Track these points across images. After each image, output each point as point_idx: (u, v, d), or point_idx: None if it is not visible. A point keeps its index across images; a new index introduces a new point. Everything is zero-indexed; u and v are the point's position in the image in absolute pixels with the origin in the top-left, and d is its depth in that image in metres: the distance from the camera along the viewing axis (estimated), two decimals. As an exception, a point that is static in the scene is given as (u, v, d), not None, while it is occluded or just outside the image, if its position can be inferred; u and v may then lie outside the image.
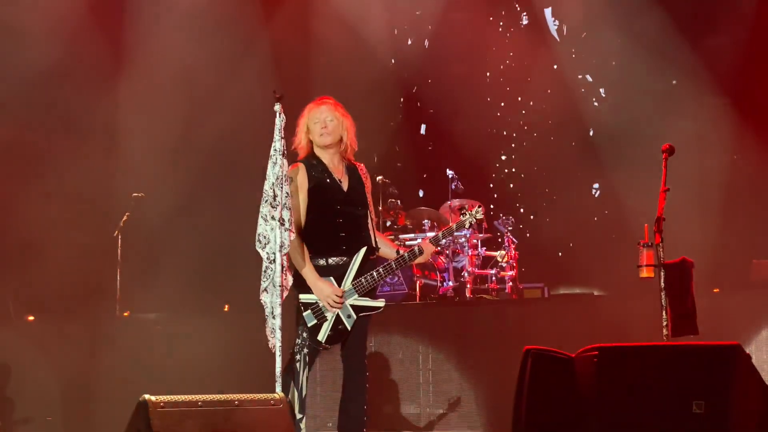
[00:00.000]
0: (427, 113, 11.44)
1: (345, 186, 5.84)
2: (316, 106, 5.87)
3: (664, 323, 6.18)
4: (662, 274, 6.18)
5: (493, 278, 9.73)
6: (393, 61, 12.00)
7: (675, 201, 9.13)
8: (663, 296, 6.18)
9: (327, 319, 5.70)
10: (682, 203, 9.90)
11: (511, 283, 9.68)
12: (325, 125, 5.80)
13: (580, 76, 11.64)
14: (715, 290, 8.85)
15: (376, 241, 5.87)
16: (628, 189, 10.48)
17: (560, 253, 10.73)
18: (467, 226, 6.02)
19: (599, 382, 4.78)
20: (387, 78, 11.93)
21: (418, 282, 9.41)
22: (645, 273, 6.28)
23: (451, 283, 9.61)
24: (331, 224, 5.76)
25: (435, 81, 11.74)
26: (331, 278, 5.72)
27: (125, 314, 9.68)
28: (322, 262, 5.74)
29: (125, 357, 8.88)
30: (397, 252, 5.90)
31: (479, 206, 6.09)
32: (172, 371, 8.69)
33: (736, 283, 8.85)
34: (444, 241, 9.36)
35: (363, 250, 5.75)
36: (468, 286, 9.57)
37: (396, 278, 9.34)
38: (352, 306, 5.72)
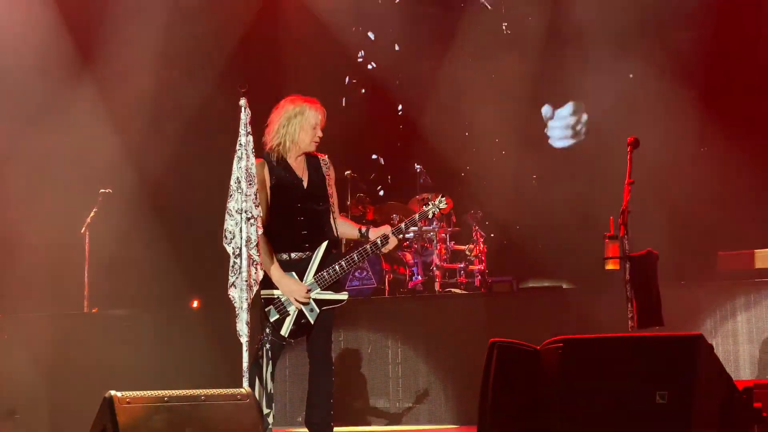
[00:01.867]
0: (396, 107, 11.44)
1: (305, 182, 5.84)
2: (313, 108, 5.82)
3: (630, 315, 6.23)
4: (627, 266, 6.23)
5: (462, 272, 9.76)
6: (362, 54, 12.00)
7: (642, 193, 9.27)
8: (628, 288, 6.23)
9: (290, 314, 5.72)
10: (650, 195, 10.03)
11: (479, 277, 9.71)
12: (321, 133, 5.81)
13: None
14: (681, 282, 8.93)
15: (338, 232, 5.88)
16: (598, 181, 10.58)
17: (534, 246, 10.76)
18: (430, 215, 6.03)
19: (563, 373, 4.81)
20: (355, 72, 11.94)
21: (387, 276, 9.42)
22: (610, 265, 6.33)
23: (419, 278, 9.63)
24: (292, 221, 5.77)
25: (404, 75, 11.74)
26: (293, 273, 5.73)
27: (93, 311, 9.64)
28: (285, 257, 5.76)
29: (93, 353, 8.84)
30: (359, 230, 5.91)
31: (442, 196, 6.10)
32: (140, 367, 8.67)
33: (702, 274, 8.92)
34: (411, 232, 9.42)
35: (324, 245, 5.76)
36: (437, 280, 9.60)
37: (365, 273, 9.35)
38: (315, 300, 5.74)
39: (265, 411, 5.48)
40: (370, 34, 11.82)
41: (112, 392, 4.58)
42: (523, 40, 11.59)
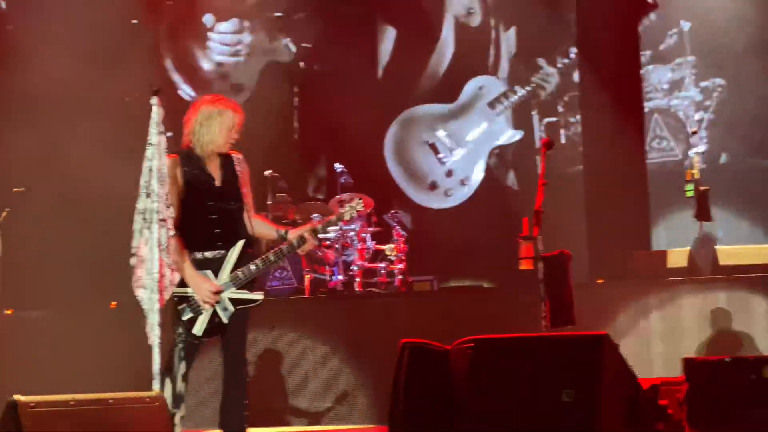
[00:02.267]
0: (315, 106, 11.40)
1: (218, 181, 5.83)
2: (232, 110, 5.81)
3: (543, 314, 6.32)
4: (541, 266, 6.32)
5: (383, 272, 9.79)
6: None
7: (560, 193, 9.40)
8: (542, 288, 6.32)
9: (203, 313, 5.69)
10: (568, 196, 10.17)
11: (400, 277, 9.75)
12: (237, 135, 5.80)
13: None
14: (598, 281, 9.08)
15: (254, 231, 5.88)
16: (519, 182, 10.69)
17: (452, 246, 10.81)
18: (347, 218, 6.06)
19: (474, 373, 4.86)
20: (272, 72, 11.88)
21: (307, 276, 9.41)
22: (524, 265, 6.41)
23: (340, 277, 9.63)
24: (205, 220, 5.75)
25: (322, 74, 11.73)
26: (208, 272, 5.71)
27: (8, 312, 9.46)
28: (198, 255, 5.74)
29: (7, 356, 8.68)
30: (278, 232, 5.91)
31: (359, 198, 6.13)
32: (55, 371, 8.53)
33: (617, 274, 9.06)
34: (332, 232, 9.42)
35: (239, 244, 5.74)
36: (357, 279, 9.61)
37: (285, 272, 9.33)
38: (230, 299, 5.72)
39: (172, 411, 5.44)
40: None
41: (17, 396, 4.50)
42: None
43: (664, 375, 7.42)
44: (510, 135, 11.51)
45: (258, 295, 5.81)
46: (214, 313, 5.70)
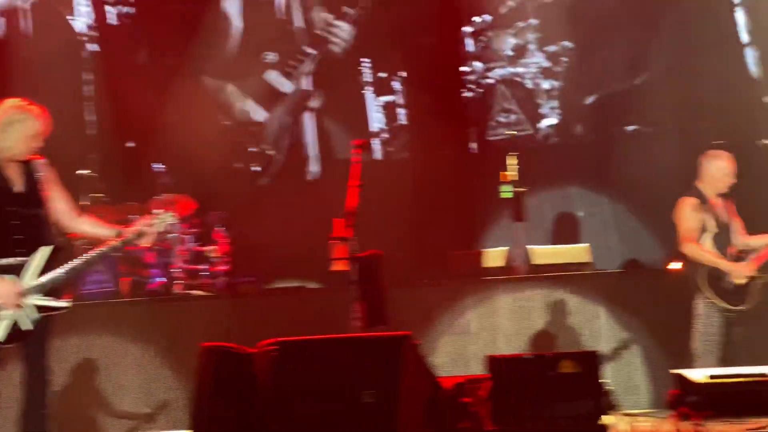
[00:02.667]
0: (135, 104, 11.13)
1: (20, 187, 5.66)
2: (35, 117, 5.65)
3: (357, 315, 6.34)
4: (354, 267, 6.35)
5: (205, 273, 9.65)
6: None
7: (382, 196, 9.48)
8: (355, 288, 6.35)
9: (5, 318, 5.49)
10: (393, 198, 10.27)
11: (223, 278, 9.63)
12: (41, 143, 5.62)
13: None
14: (423, 282, 9.18)
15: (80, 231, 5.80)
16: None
17: (278, 247, 10.75)
18: (160, 229, 5.96)
19: (278, 375, 4.84)
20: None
21: (126, 279, 9.18)
22: (337, 266, 6.43)
23: (161, 279, 9.44)
24: (6, 226, 5.58)
25: (142, 70, 11.48)
26: (13, 276, 5.52)
27: None
28: (3, 261, 5.52)
29: None
30: (111, 229, 5.78)
31: (171, 210, 6.04)
32: None
33: (437, 274, 9.19)
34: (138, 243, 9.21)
35: (43, 249, 5.57)
36: (178, 281, 9.44)
37: (102, 276, 9.08)
38: (35, 305, 5.54)
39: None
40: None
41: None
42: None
43: (481, 373, 7.58)
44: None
45: (63, 303, 5.65)
46: (18, 319, 5.51)
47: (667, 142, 10.65)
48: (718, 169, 7.20)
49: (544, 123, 9.51)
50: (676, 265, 9.38)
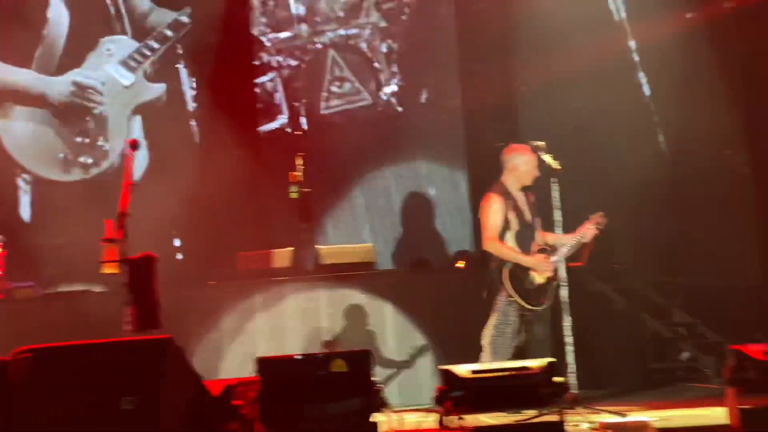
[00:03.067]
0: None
1: None
2: None
3: (128, 318, 6.16)
4: (124, 270, 6.17)
5: (-22, 279, 9.17)
6: None
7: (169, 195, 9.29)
8: (126, 292, 6.17)
9: None
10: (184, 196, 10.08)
11: (-5, 283, 9.17)
12: None
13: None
14: (210, 282, 9.06)
15: None
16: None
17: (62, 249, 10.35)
18: None
19: (32, 384, 4.64)
20: None
21: None
22: (107, 269, 6.23)
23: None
24: None
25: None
26: None
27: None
28: None
29: None
30: None
31: None
32: None
33: (226, 275, 9.09)
34: None
35: None
36: (-50, 289, 8.94)
37: None
38: None
39: None
40: None
41: None
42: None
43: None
44: (155, 90, 10.82)
45: None
46: None
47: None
48: (523, 163, 7.13)
49: (385, 91, 9.17)
50: (461, 264, 9.72)
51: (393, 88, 10.14)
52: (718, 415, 5.75)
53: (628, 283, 9.55)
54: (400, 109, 10.45)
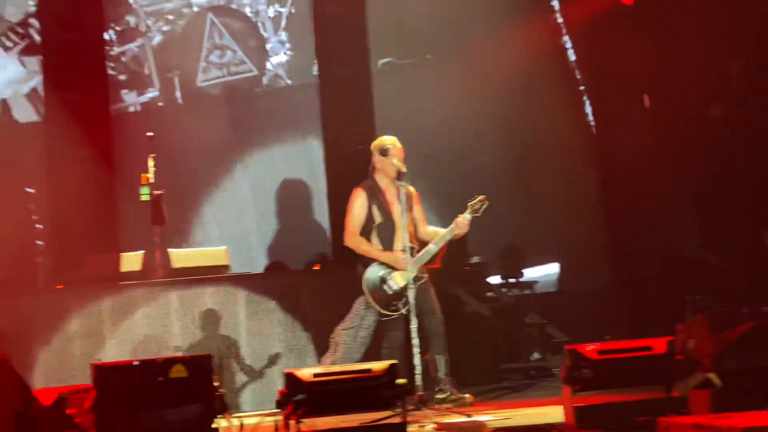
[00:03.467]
0: None
1: None
2: None
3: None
4: None
5: None
6: None
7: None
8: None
9: None
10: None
11: None
12: None
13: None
14: (58, 286, 8.83)
15: None
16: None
17: None
18: None
19: None
20: None
21: None
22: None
23: None
24: None
25: None
26: None
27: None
28: None
29: None
30: None
31: None
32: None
33: (73, 279, 8.87)
34: None
35: None
36: None
37: None
38: None
39: None
40: None
41: None
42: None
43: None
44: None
45: None
46: None
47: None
48: (389, 157, 7.02)
49: (273, 61, 8.67)
50: (317, 266, 9.72)
51: (281, 58, 9.48)
52: (557, 413, 5.89)
53: (479, 285, 9.71)
54: (289, 81, 9.84)
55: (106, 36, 9.89)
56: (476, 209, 7.03)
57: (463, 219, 6.99)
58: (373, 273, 7.04)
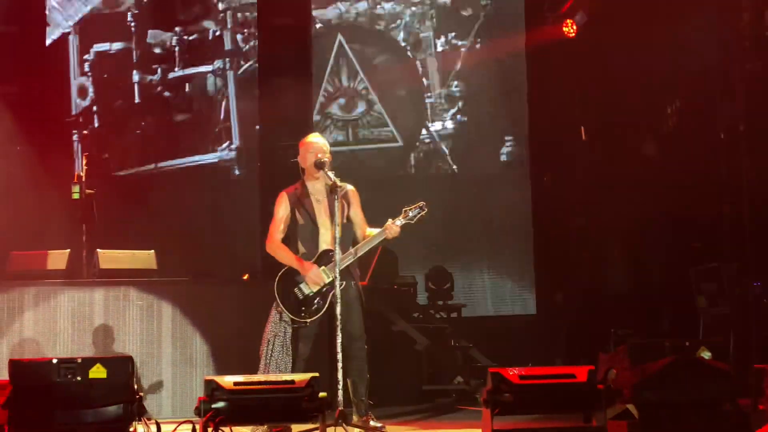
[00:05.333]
0: None
1: None
2: None
3: None
4: None
5: None
6: None
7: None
8: None
9: None
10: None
11: None
12: None
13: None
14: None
15: None
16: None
17: None
18: None
19: None
20: None
21: None
22: None
23: None
24: None
25: None
26: None
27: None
28: None
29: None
30: None
31: None
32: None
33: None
34: None
35: None
36: None
37: None
38: None
39: None
40: None
41: None
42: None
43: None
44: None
45: None
46: None
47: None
48: (309, 154, 6.73)
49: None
50: (245, 276, 9.67)
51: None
52: (476, 436, 5.91)
53: (407, 304, 9.73)
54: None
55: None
56: (411, 216, 6.71)
57: (394, 224, 6.66)
58: (284, 274, 6.73)
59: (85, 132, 8.52)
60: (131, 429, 5.35)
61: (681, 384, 5.42)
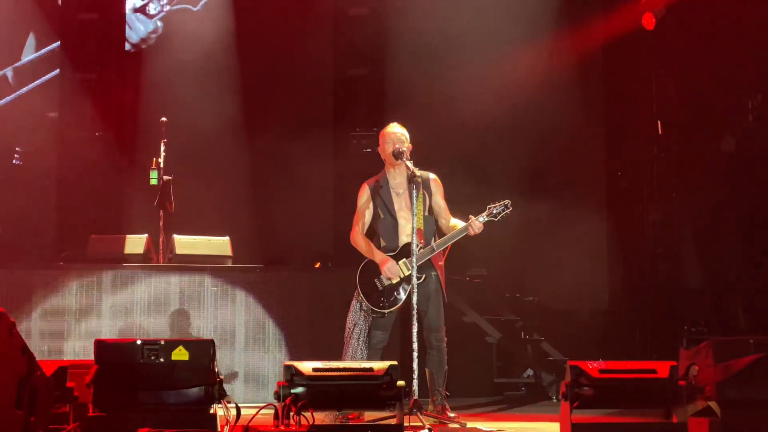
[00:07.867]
0: None
1: None
2: None
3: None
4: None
5: None
6: None
7: None
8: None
9: None
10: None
11: None
12: None
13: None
14: (59, 263, 8.81)
15: None
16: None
17: None
18: None
19: None
20: None
21: None
22: None
23: None
24: None
25: None
26: None
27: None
28: None
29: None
30: None
31: None
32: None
33: (76, 256, 8.85)
34: None
35: None
36: None
37: None
38: None
39: None
40: None
41: None
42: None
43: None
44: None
45: None
46: None
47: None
48: (387, 144, 6.72)
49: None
50: (317, 264, 9.73)
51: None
52: (553, 429, 5.87)
53: (480, 297, 9.69)
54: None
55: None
56: (495, 213, 6.69)
57: (477, 221, 6.65)
58: (366, 265, 6.80)
59: (163, 119, 8.59)
60: (211, 411, 5.40)
61: (766, 383, 5.32)
